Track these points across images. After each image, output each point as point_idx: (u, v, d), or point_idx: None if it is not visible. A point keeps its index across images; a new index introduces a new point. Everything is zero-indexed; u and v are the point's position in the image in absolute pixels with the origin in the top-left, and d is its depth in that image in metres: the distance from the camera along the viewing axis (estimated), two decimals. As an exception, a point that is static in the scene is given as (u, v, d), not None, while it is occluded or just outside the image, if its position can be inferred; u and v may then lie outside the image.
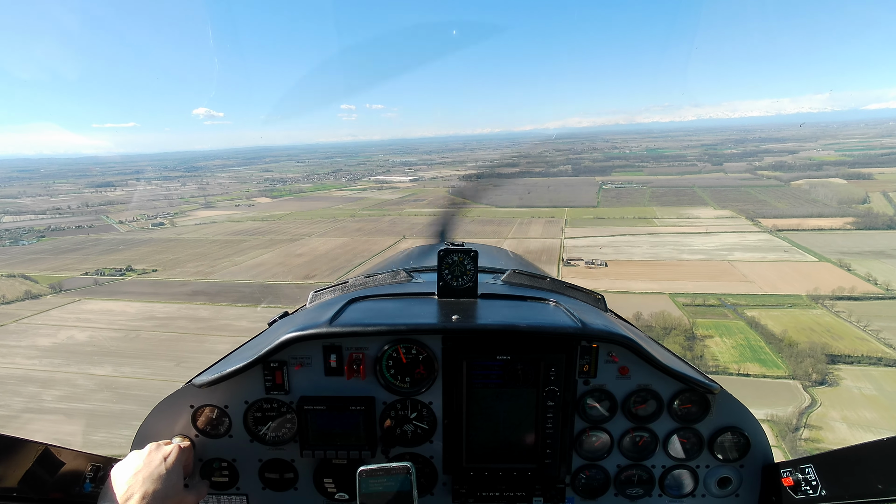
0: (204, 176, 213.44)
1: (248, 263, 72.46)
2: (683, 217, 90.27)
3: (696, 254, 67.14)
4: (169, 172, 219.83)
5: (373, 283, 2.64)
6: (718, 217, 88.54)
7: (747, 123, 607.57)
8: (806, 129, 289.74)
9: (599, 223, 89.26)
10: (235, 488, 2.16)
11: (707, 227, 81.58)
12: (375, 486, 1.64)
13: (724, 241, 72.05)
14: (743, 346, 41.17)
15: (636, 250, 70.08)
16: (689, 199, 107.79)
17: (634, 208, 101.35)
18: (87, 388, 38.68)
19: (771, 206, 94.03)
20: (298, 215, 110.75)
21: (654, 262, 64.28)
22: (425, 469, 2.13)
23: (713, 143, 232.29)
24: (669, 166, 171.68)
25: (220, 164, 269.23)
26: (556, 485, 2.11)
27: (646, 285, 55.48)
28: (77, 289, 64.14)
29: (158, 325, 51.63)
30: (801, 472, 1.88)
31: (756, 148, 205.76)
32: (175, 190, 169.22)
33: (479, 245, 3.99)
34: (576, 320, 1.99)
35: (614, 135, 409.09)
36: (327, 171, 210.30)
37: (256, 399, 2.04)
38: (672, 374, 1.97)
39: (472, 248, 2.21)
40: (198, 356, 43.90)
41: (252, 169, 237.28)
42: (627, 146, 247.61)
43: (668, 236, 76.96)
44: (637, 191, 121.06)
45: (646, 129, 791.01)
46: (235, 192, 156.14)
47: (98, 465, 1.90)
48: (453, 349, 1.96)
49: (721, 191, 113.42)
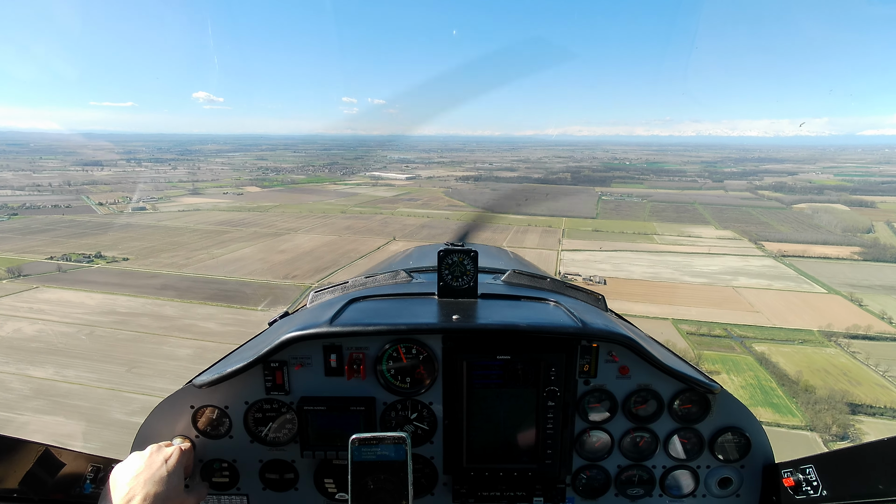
0: (197, 160, 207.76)
1: (226, 257, 67.77)
2: (684, 235, 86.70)
3: (698, 276, 63.44)
4: (162, 155, 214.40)
5: (373, 283, 2.59)
6: (721, 238, 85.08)
7: (746, 143, 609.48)
8: (804, 151, 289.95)
9: (598, 236, 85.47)
10: (236, 489, 2.13)
11: (709, 247, 78.05)
12: (368, 455, 1.60)
13: (728, 265, 68.47)
14: (753, 385, 37.36)
15: (636, 268, 66.28)
16: (689, 216, 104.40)
17: (634, 222, 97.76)
18: (18, 394, 34.03)
19: (774, 230, 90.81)
20: (287, 208, 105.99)
21: (655, 283, 60.49)
22: (425, 469, 2.10)
23: (713, 161, 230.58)
24: (670, 181, 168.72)
25: (216, 149, 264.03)
26: (556, 485, 2.09)
27: (646, 308, 51.65)
28: (38, 275, 59.09)
29: (117, 321, 46.87)
30: (801, 473, 1.88)
31: (756, 167, 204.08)
32: (164, 173, 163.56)
33: (479, 245, 3.94)
34: (576, 320, 1.97)
35: (614, 145, 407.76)
36: (323, 162, 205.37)
37: (257, 399, 2.02)
38: (672, 373, 1.96)
39: (472, 248, 2.19)
40: (153, 361, 39.33)
41: (247, 156, 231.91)
42: (627, 157, 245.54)
43: (668, 255, 73.26)
44: (637, 204, 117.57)
45: (645, 141, 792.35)
46: (226, 180, 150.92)
47: (98, 466, 1.90)
48: (453, 349, 1.95)
49: (722, 209, 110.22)
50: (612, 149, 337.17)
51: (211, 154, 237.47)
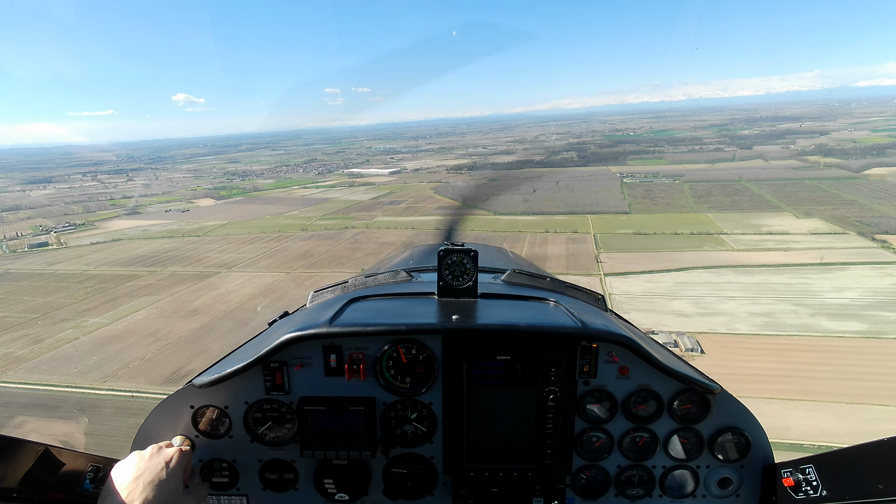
0: (162, 168, 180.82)
1: (99, 334, 42.45)
2: (762, 231, 60.87)
3: (839, 316, 38.01)
4: (128, 164, 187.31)
5: (373, 283, 2.52)
6: (813, 232, 59.25)
7: (740, 102, 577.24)
8: (812, 107, 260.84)
9: (644, 242, 59.70)
10: (235, 489, 2.08)
11: (808, 249, 52.51)
12: None
13: (866, 284, 42.93)
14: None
15: (730, 306, 40.84)
16: (746, 199, 78.22)
17: (681, 215, 71.70)
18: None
19: (874, 211, 64.84)
20: (235, 228, 79.93)
21: (783, 342, 35.14)
22: (425, 470, 2.05)
23: (722, 124, 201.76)
24: (690, 151, 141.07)
25: (191, 153, 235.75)
26: (556, 485, 2.04)
27: (805, 415, 26.63)
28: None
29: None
30: (801, 473, 1.83)
31: (773, 128, 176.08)
32: (117, 187, 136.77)
33: (479, 245, 3.74)
34: (576, 320, 1.93)
35: (609, 115, 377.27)
36: (301, 160, 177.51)
37: (257, 399, 1.97)
38: (672, 374, 1.91)
39: (471, 247, 2.13)
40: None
41: (220, 159, 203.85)
42: (629, 128, 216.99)
43: (764, 271, 47.68)
44: (670, 186, 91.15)
45: (638, 109, 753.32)
46: (180, 191, 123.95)
47: (98, 466, 1.85)
48: (453, 349, 1.90)
49: (780, 186, 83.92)
50: (608, 119, 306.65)
51: (182, 159, 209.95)
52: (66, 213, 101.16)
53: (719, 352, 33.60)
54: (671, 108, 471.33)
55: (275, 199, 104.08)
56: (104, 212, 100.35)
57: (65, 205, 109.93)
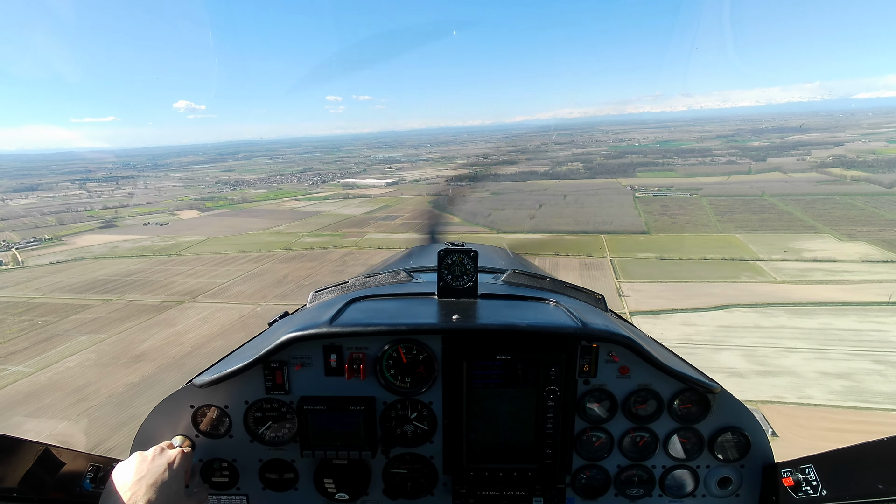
0: (154, 177, 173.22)
1: (12, 389, 34.12)
2: (803, 257, 52.59)
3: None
4: (122, 172, 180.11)
5: (373, 283, 2.49)
6: (863, 258, 50.96)
7: (742, 113, 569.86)
8: (816, 119, 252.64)
9: (669, 269, 51.43)
10: (235, 488, 2.06)
11: (866, 279, 44.18)
12: None
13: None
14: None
15: (793, 361, 32.45)
16: (777, 218, 70.01)
17: (706, 236, 63.50)
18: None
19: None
20: (213, 245, 71.84)
21: (877, 420, 26.75)
22: (425, 469, 2.03)
23: (729, 134, 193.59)
24: (701, 163, 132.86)
25: (189, 160, 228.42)
26: (556, 485, 2.03)
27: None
28: None
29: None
30: (801, 473, 1.81)
31: (782, 140, 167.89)
32: (100, 196, 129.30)
33: (479, 245, 3.77)
34: (576, 320, 1.91)
35: (611, 125, 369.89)
36: (298, 169, 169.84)
37: (257, 399, 1.95)
38: (672, 373, 1.89)
39: (472, 248, 2.12)
40: None
41: (216, 167, 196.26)
42: (633, 139, 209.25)
43: (821, 312, 39.31)
44: (688, 202, 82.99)
45: (640, 119, 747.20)
46: (166, 202, 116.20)
47: (98, 466, 1.83)
48: (453, 349, 1.89)
49: (810, 202, 75.71)
50: (610, 129, 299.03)
51: (178, 167, 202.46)
52: (39, 225, 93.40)
53: (796, 432, 25.19)
54: (672, 119, 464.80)
55: (262, 212, 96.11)
56: (78, 224, 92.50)
57: (40, 216, 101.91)
